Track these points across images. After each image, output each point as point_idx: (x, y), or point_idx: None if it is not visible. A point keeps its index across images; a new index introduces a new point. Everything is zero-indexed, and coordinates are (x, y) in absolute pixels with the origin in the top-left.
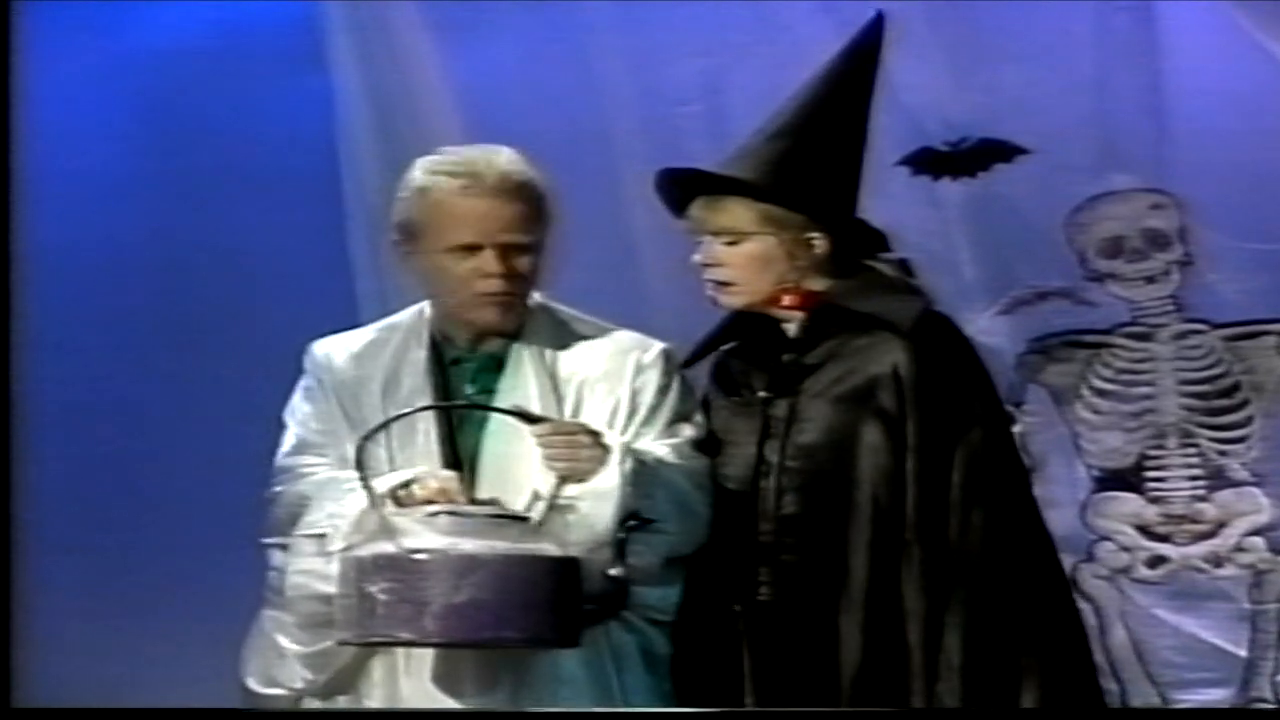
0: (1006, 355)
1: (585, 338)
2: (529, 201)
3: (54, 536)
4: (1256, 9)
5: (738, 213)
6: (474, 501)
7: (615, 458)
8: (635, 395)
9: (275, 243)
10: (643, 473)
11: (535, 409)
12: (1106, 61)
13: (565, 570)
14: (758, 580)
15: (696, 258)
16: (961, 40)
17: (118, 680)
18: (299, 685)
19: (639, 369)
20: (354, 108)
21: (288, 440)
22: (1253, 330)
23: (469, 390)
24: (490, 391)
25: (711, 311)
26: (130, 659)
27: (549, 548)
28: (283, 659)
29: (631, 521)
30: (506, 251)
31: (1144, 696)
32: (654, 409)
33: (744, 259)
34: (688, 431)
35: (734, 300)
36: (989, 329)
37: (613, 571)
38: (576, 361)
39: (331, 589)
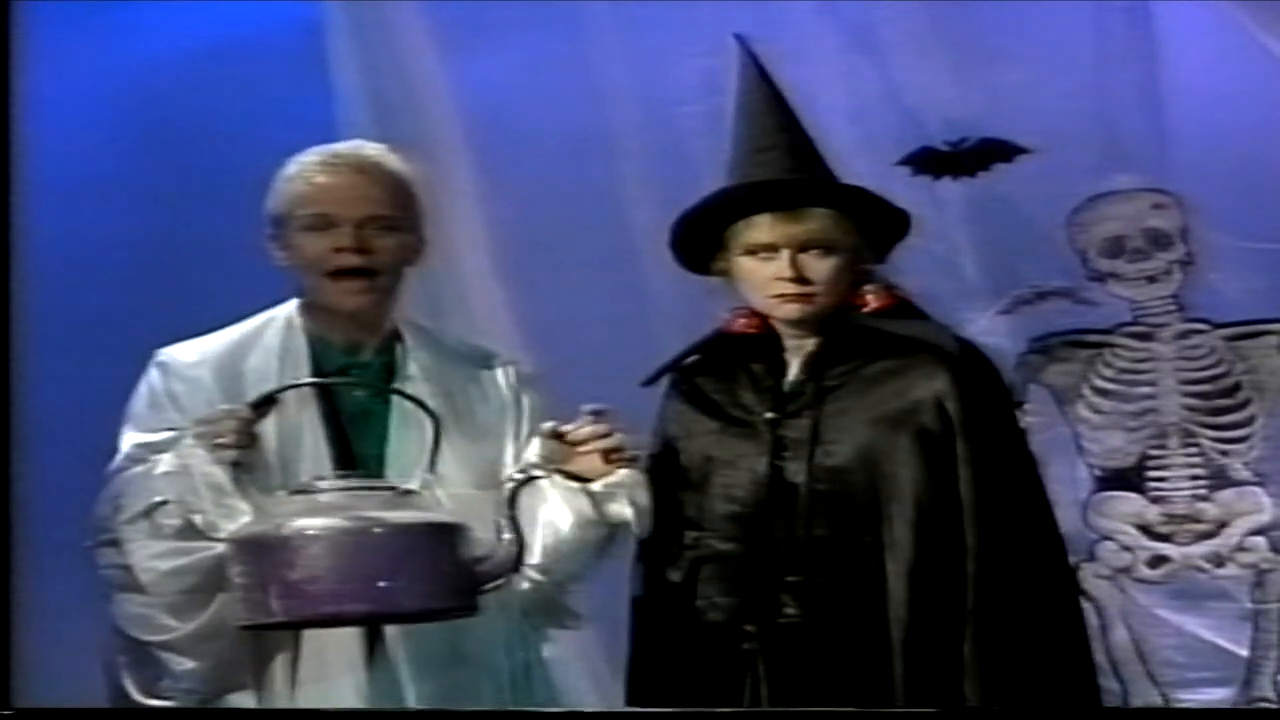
0: (1008, 355)
1: (454, 349)
2: (392, 182)
3: (54, 536)
4: (1256, 8)
5: (826, 223)
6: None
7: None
8: (519, 408)
9: None
10: None
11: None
12: (1107, 61)
13: (435, 536)
14: (779, 603)
15: (773, 271)
16: (962, 40)
17: None
18: (183, 685)
19: (518, 380)
20: (355, 110)
21: (124, 449)
22: (1254, 330)
23: (359, 395)
24: (385, 399)
25: (712, 314)
26: None
27: (414, 515)
28: (161, 657)
29: (522, 475)
30: (363, 225)
31: (1145, 696)
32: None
33: (831, 271)
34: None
35: (806, 309)
36: (990, 329)
37: (505, 535)
38: (456, 372)
39: (184, 560)
